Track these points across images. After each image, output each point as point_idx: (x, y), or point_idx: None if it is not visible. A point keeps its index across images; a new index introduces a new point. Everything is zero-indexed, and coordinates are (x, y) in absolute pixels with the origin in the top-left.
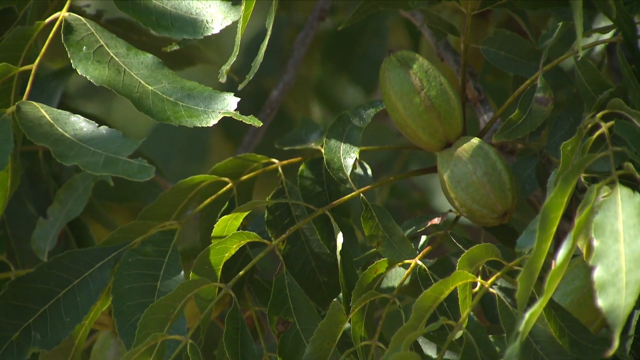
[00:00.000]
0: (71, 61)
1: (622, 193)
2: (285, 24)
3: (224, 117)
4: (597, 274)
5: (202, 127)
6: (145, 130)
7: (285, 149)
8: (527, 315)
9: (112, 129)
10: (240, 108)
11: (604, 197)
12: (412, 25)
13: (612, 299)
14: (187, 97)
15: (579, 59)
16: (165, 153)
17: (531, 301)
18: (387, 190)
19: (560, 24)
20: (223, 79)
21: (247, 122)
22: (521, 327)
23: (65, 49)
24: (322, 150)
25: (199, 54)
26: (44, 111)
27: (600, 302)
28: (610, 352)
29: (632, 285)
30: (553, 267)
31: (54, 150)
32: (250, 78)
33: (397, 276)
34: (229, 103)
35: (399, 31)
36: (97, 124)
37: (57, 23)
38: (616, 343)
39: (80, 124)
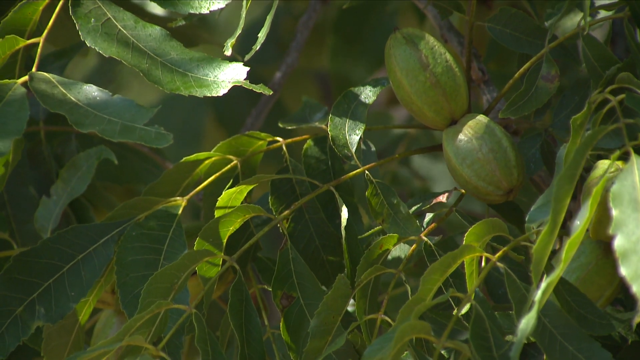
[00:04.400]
0: (79, 33)
1: (638, 162)
2: (283, 14)
3: (219, 104)
4: (618, 242)
5: (196, 113)
6: None
7: (289, 127)
8: (543, 284)
9: (126, 98)
10: (238, 96)
11: (611, 172)
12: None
13: (635, 267)
14: (196, 67)
15: (586, 32)
16: None
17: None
18: (388, 177)
19: (565, 1)
20: (228, 52)
21: (258, 91)
22: (537, 297)
23: (67, 31)
24: (327, 129)
25: (201, 34)
26: (56, 81)
27: (623, 270)
28: (637, 319)
29: None
30: (571, 235)
31: (70, 118)
32: (257, 49)
33: (402, 253)
34: (239, 72)
35: (406, 11)
36: (110, 93)
37: None
38: None
39: (94, 93)
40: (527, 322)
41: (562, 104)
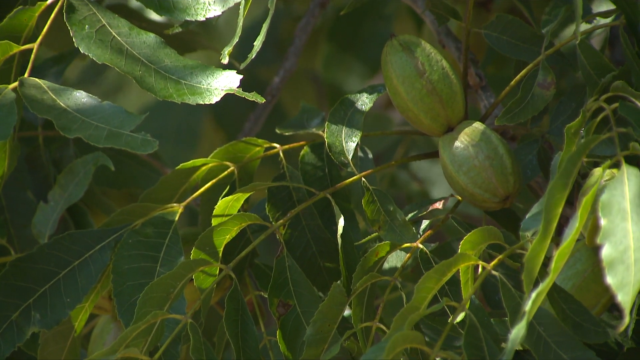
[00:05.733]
0: (73, 40)
1: (628, 172)
2: (283, 16)
3: (217, 103)
4: (606, 251)
5: (193, 113)
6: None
7: (286, 134)
8: (533, 294)
9: (115, 104)
10: (236, 98)
11: (606, 181)
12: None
13: (621, 276)
14: (190, 75)
15: (578, 41)
16: (156, 137)
17: (535, 284)
18: (387, 180)
19: (562, 8)
20: (225, 60)
21: (250, 99)
22: (528, 307)
23: (65, 35)
24: (324, 135)
25: (199, 40)
26: (46, 87)
27: (610, 280)
28: (621, 328)
29: None
30: (560, 246)
31: (57, 123)
32: (253, 56)
33: (399, 260)
34: (232, 80)
35: (403, 17)
36: (99, 99)
37: (59, 3)
38: (627, 319)
39: (83, 99)
40: (517, 331)
41: (559, 110)
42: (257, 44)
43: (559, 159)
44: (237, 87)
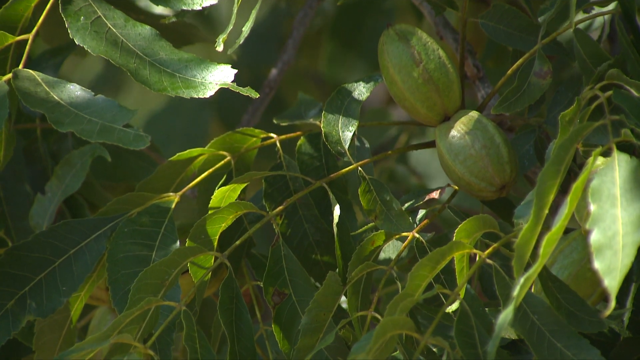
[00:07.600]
0: (69, 31)
1: (619, 158)
2: (284, 15)
3: (222, 105)
4: (594, 237)
5: (201, 116)
6: (144, 118)
7: (283, 124)
8: (521, 280)
9: (109, 98)
10: (241, 98)
11: (601, 169)
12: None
13: (608, 262)
14: (185, 68)
15: (572, 29)
16: (164, 139)
17: (527, 270)
18: (386, 175)
19: None
20: (220, 48)
21: (244, 94)
22: (515, 292)
23: (64, 30)
24: (321, 125)
25: (197, 33)
26: (40, 79)
27: (597, 265)
28: (607, 313)
29: (629, 247)
30: (549, 232)
31: (49, 117)
32: (241, 42)
33: (395, 250)
34: (226, 74)
35: (404, 12)
36: (93, 93)
37: None
38: (612, 304)
39: (77, 92)
40: (504, 316)
41: (555, 100)
42: (245, 29)
43: (553, 147)
44: (232, 82)
